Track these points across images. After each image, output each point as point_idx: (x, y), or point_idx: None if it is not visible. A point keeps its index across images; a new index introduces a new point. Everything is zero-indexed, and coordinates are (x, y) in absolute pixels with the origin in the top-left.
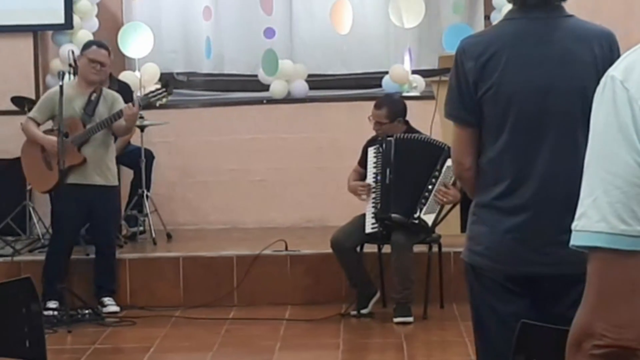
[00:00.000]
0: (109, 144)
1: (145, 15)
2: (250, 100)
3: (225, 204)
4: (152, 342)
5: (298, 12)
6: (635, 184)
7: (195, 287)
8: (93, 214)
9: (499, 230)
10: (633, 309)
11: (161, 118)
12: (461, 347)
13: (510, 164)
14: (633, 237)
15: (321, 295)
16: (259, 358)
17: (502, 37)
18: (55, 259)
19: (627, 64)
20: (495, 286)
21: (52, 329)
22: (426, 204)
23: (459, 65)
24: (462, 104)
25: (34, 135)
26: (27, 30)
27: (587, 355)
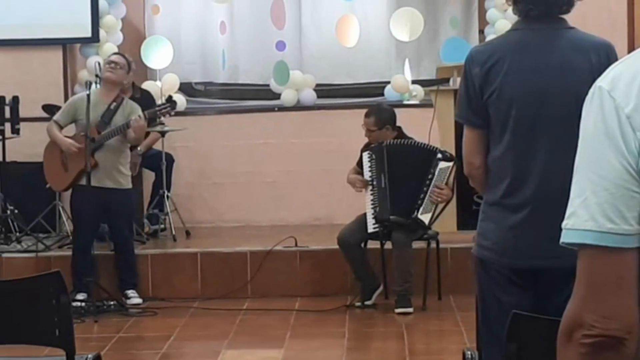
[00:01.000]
0: (121, 150)
1: (166, 29)
2: (263, 108)
3: (240, 204)
4: (172, 331)
5: (307, 26)
6: (622, 185)
7: (212, 280)
8: (107, 215)
9: (504, 227)
10: (620, 302)
11: (180, 124)
12: (457, 335)
13: (512, 162)
14: (619, 235)
15: (328, 287)
16: (271, 346)
17: (506, 45)
18: (79, 254)
19: (613, 75)
20: (501, 278)
21: (80, 319)
22: (422, 205)
23: (467, 72)
24: (470, 107)
25: (54, 137)
26: (56, 43)
27: (578, 344)
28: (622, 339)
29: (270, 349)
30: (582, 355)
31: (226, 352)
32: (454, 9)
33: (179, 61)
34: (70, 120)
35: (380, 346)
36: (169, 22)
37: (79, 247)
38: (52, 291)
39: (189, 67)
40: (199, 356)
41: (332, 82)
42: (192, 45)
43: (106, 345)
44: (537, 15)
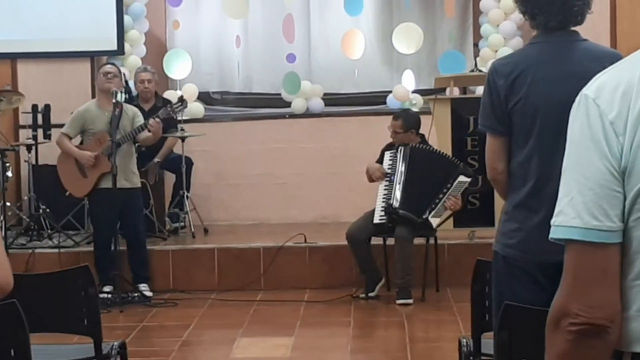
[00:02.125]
0: (132, 153)
1: (186, 43)
2: (275, 115)
3: (253, 203)
4: (191, 320)
5: (315, 40)
6: (606, 186)
7: (228, 273)
8: (122, 213)
9: (528, 227)
10: (603, 293)
11: (199, 130)
12: (454, 324)
13: (537, 166)
14: (603, 232)
15: (335, 280)
16: (282, 334)
17: (527, 58)
18: (101, 251)
19: (598, 84)
20: (524, 276)
21: (107, 310)
22: (435, 209)
23: (491, 83)
24: (494, 116)
25: (69, 150)
26: (85, 55)
27: (564, 332)
28: (605, 327)
29: (282, 337)
30: (568, 342)
31: (241, 340)
32: (450, 24)
33: (197, 72)
34: (79, 131)
35: (382, 334)
36: (189, 36)
37: (99, 246)
38: (80, 284)
39: (207, 78)
40: (216, 343)
41: (338, 92)
42: (210, 58)
43: (130, 334)
44: (554, 27)
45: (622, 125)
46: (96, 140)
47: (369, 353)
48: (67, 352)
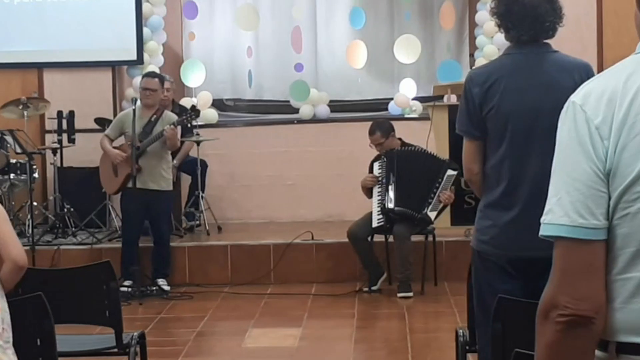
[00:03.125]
0: (162, 156)
1: (201, 53)
2: (284, 121)
3: (264, 203)
4: (206, 312)
5: (322, 51)
6: (591, 186)
7: (240, 268)
8: (149, 212)
9: (500, 224)
10: (589, 286)
11: (213, 135)
12: (451, 316)
13: (508, 169)
14: (589, 229)
15: (340, 275)
16: (291, 325)
17: (501, 68)
18: (127, 247)
19: (585, 92)
20: (497, 268)
21: (127, 302)
22: (431, 204)
23: (467, 91)
24: (470, 121)
25: (105, 148)
26: (107, 65)
27: (553, 323)
28: (591, 318)
29: (291, 327)
30: (557, 332)
31: (252, 331)
32: (448, 36)
33: (211, 80)
34: (118, 133)
35: (384, 325)
36: (203, 46)
37: (126, 241)
38: (103, 278)
39: (221, 86)
40: (229, 334)
41: (343, 99)
42: (223, 67)
43: (149, 325)
44: (526, 40)
45: (607, 130)
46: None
47: (372, 343)
48: (90, 342)
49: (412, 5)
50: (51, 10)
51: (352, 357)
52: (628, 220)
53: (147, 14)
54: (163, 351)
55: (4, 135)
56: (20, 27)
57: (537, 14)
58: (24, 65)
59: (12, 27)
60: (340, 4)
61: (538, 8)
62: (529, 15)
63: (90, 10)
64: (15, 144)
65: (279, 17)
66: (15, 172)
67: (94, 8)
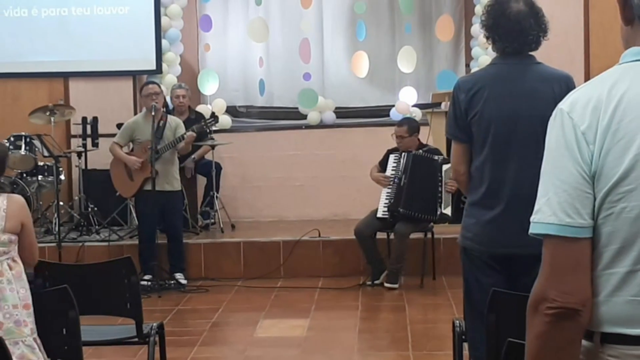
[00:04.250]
0: (173, 160)
1: (215, 63)
2: (293, 126)
3: (274, 203)
4: (220, 304)
5: (328, 61)
6: (578, 188)
7: (252, 264)
8: (164, 212)
9: (483, 222)
10: (576, 280)
11: (227, 139)
12: (448, 308)
13: (490, 170)
14: (575, 228)
15: (345, 270)
16: (299, 316)
17: (486, 77)
18: (144, 245)
19: (572, 100)
20: (481, 263)
21: (147, 295)
22: (442, 201)
23: (455, 97)
24: (457, 126)
25: (119, 156)
26: (128, 74)
27: (543, 315)
28: (578, 310)
29: (299, 318)
30: (546, 324)
31: (263, 322)
32: (445, 47)
33: (225, 89)
34: (128, 140)
35: (386, 316)
36: (218, 57)
37: (143, 239)
38: (124, 273)
39: (234, 94)
40: (242, 324)
41: (348, 106)
42: (236, 76)
43: (167, 316)
44: (511, 52)
45: (593, 136)
46: (142, 148)
47: (375, 333)
48: (112, 332)
49: (412, 19)
50: (76, 24)
51: (357, 346)
52: (612, 219)
53: (166, 26)
54: (180, 340)
55: (33, 140)
56: (48, 39)
57: (521, 28)
58: (51, 74)
59: (40, 39)
60: (344, 18)
61: (523, 22)
62: (514, 29)
63: (113, 23)
64: (43, 148)
65: (288, 29)
66: (43, 174)
67: (116, 21)
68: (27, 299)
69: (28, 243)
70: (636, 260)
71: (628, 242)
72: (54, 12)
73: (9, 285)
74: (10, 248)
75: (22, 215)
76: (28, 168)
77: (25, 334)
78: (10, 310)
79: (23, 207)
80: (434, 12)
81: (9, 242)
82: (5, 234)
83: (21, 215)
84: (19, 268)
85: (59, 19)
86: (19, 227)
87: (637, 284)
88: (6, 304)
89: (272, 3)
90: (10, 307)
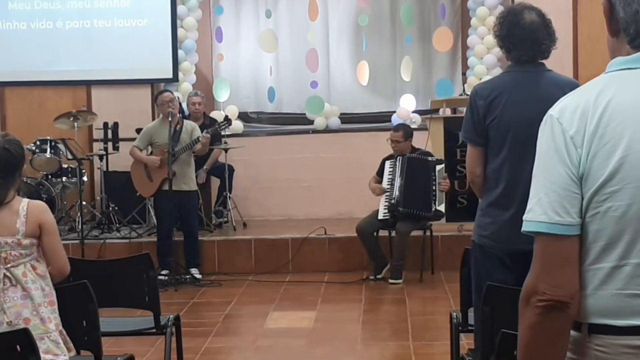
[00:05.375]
0: (190, 162)
1: (228, 72)
2: (300, 131)
3: (283, 202)
4: (233, 297)
5: (334, 70)
6: (567, 189)
7: (262, 259)
8: (180, 211)
9: (500, 221)
10: (565, 275)
11: (239, 143)
12: (445, 300)
13: (507, 172)
14: (564, 226)
15: (349, 265)
16: (306, 308)
17: (503, 84)
18: (162, 242)
19: (561, 106)
20: (496, 260)
21: (164, 289)
22: (436, 198)
23: (473, 103)
24: (474, 130)
25: (139, 157)
26: (146, 82)
27: (534, 307)
28: (567, 303)
29: (306, 310)
30: (537, 315)
31: (273, 313)
32: (443, 57)
33: (237, 96)
34: (147, 143)
35: (388, 308)
36: (230, 66)
37: (160, 237)
38: (143, 268)
39: (246, 100)
40: (253, 316)
41: (352, 112)
42: (248, 84)
43: (183, 308)
44: (525, 60)
45: (580, 140)
46: (160, 151)
47: (377, 324)
48: (132, 323)
49: (411, 30)
50: (98, 35)
51: (360, 336)
52: (598, 218)
53: (182, 38)
54: (195, 331)
55: (57, 144)
56: (71, 49)
57: (535, 38)
58: (74, 82)
59: (64, 50)
60: (349, 30)
61: (537, 32)
62: (529, 39)
63: (132, 35)
64: (66, 151)
65: (296, 40)
66: (67, 176)
67: (135, 33)
68: (51, 296)
69: (49, 247)
70: (621, 256)
71: (613, 239)
72: (77, 24)
73: (33, 285)
74: (32, 250)
75: (40, 219)
76: (53, 170)
77: (50, 330)
78: (35, 307)
79: (42, 212)
80: (432, 24)
81: (31, 245)
82: (27, 238)
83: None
84: (42, 268)
85: (82, 31)
86: (38, 231)
87: (621, 278)
88: (32, 302)
89: (281, 15)
90: (36, 305)
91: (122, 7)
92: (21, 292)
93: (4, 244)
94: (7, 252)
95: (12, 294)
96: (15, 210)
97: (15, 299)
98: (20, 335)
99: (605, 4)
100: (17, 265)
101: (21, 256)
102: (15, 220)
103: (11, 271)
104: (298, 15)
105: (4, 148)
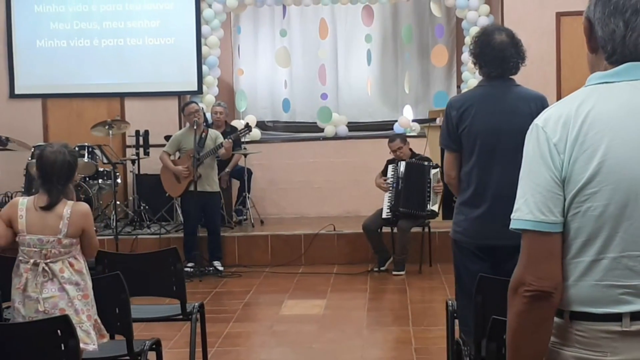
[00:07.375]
0: (213, 166)
1: (247, 85)
2: (312, 138)
3: (296, 202)
4: (251, 287)
5: (342, 83)
6: (550, 190)
7: (278, 253)
8: (205, 209)
9: (471, 218)
10: (549, 268)
11: (257, 149)
12: (442, 290)
13: (477, 175)
14: (548, 224)
15: (356, 258)
16: (318, 297)
17: (473, 97)
18: (188, 237)
19: (546, 116)
20: (469, 253)
21: (190, 279)
22: (430, 199)
23: (448, 114)
24: (449, 137)
25: (167, 165)
26: (173, 94)
27: (521, 297)
28: (551, 292)
29: (317, 299)
30: (524, 304)
31: (287, 302)
32: (440, 72)
33: (255, 106)
34: (175, 149)
35: (390, 297)
36: (249, 80)
37: (187, 233)
38: (171, 261)
39: (263, 110)
40: (269, 304)
41: (358, 121)
42: (265, 96)
43: (207, 297)
44: (495, 75)
45: (563, 146)
46: (187, 156)
47: (380, 311)
48: (161, 310)
49: (411, 48)
50: (130, 52)
51: (365, 322)
52: (579, 217)
53: (206, 54)
54: (218, 317)
55: (94, 149)
56: (107, 65)
57: (504, 56)
58: (109, 94)
59: (100, 65)
60: (356, 47)
61: (505, 51)
62: (498, 57)
63: (161, 52)
64: (102, 156)
65: (308, 57)
66: (102, 178)
67: (163, 50)
68: (86, 290)
69: (87, 243)
70: (599, 251)
71: (592, 236)
72: (112, 42)
73: (69, 280)
74: (72, 249)
75: (82, 222)
76: (90, 173)
77: (82, 320)
78: (70, 300)
79: (84, 215)
80: (430, 42)
81: (70, 244)
82: (67, 238)
83: (82, 222)
84: (80, 265)
85: (116, 48)
86: (80, 232)
87: (599, 270)
88: (67, 295)
89: (294, 35)
90: (70, 298)
91: (152, 27)
92: (58, 285)
93: (46, 242)
94: (48, 249)
95: (50, 286)
96: (59, 213)
97: (53, 291)
98: (60, 321)
99: (585, 23)
100: (56, 261)
101: (60, 254)
102: (58, 222)
103: (50, 266)
104: (310, 35)
105: (67, 160)
